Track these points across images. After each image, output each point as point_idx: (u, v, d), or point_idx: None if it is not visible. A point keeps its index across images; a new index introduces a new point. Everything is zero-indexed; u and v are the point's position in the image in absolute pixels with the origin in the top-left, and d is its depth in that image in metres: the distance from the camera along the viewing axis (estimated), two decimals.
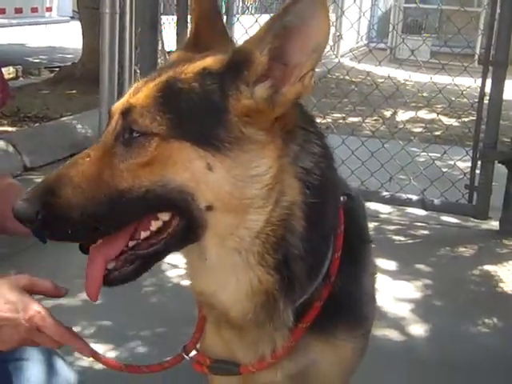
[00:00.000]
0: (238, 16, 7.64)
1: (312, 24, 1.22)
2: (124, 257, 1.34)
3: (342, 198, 1.50)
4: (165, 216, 1.31)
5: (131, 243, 1.34)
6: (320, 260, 1.42)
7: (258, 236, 1.32)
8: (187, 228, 1.31)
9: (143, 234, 1.33)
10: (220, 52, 1.38)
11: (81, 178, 1.28)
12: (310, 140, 1.38)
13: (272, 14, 1.34)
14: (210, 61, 1.34)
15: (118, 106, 1.34)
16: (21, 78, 8.80)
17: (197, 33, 1.52)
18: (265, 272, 1.35)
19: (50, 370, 1.79)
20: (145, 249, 1.34)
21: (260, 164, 1.29)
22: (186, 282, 3.75)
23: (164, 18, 8.62)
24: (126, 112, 1.29)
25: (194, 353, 1.64)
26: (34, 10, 11.77)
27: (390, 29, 12.23)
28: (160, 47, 6.82)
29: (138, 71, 5.53)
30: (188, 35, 1.55)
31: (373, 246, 1.71)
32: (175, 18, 5.44)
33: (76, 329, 3.06)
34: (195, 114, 1.28)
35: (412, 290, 3.71)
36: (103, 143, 1.32)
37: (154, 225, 1.32)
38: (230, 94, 1.29)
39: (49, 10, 12.43)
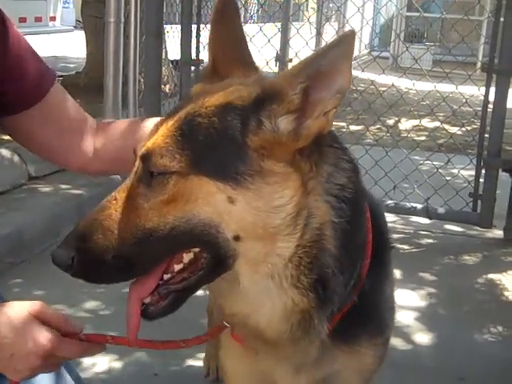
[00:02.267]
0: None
1: (340, 69, 1.27)
2: (158, 291, 1.37)
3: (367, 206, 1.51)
4: (195, 249, 1.34)
5: (166, 276, 1.37)
6: (353, 272, 1.43)
7: (291, 260, 1.34)
8: (216, 260, 1.33)
9: (176, 267, 1.36)
10: (241, 81, 1.41)
11: (109, 221, 1.33)
12: (339, 156, 1.41)
13: (276, 23, 1.39)
14: (234, 94, 1.34)
15: (140, 148, 1.37)
16: None
17: (215, 62, 1.52)
18: (299, 293, 1.36)
19: (58, 377, 1.78)
20: (178, 283, 1.37)
21: (283, 195, 1.31)
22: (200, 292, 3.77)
23: (168, 27, 8.65)
24: (146, 155, 1.31)
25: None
26: (38, 19, 11.83)
27: (393, 38, 12.23)
28: (164, 56, 6.85)
29: (142, 80, 5.55)
30: (207, 65, 1.55)
31: None
32: (179, 26, 5.45)
33: None
34: (213, 148, 1.30)
35: (417, 298, 3.71)
36: (127, 185, 1.35)
37: (186, 257, 1.35)
38: (251, 130, 1.31)
39: (52, 19, 12.49)
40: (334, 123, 1.37)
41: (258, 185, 1.29)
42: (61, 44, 14.06)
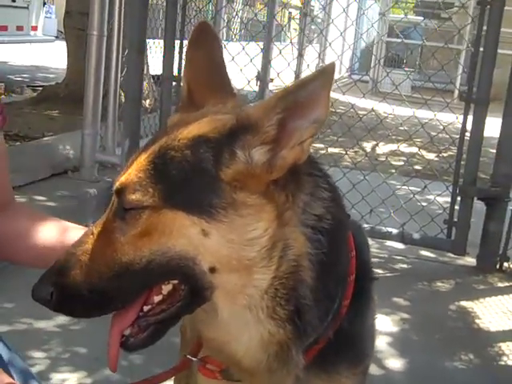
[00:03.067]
0: (224, 43, 7.70)
1: (318, 100, 1.25)
2: (138, 323, 1.37)
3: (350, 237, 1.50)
4: (174, 280, 1.33)
5: (146, 308, 1.36)
6: (331, 305, 1.42)
7: (267, 292, 1.33)
8: (194, 291, 1.32)
9: (156, 299, 1.36)
10: (217, 109, 1.41)
11: (86, 256, 1.34)
12: (317, 185, 1.38)
13: (258, 43, 1.40)
14: (206, 126, 1.33)
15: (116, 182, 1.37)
16: (3, 96, 8.75)
17: (190, 91, 1.50)
18: (275, 325, 1.35)
19: None
20: (157, 314, 1.36)
21: (256, 227, 1.30)
22: None
23: (151, 42, 8.66)
24: (120, 190, 1.32)
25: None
26: (20, 28, 11.73)
27: (373, 62, 12.39)
28: (145, 71, 6.85)
29: (123, 94, 5.53)
30: (182, 95, 1.54)
31: None
32: (162, 41, 5.46)
33: (50, 354, 3.07)
34: (186, 182, 1.29)
35: (390, 324, 3.71)
36: (104, 220, 1.36)
37: (165, 289, 1.35)
38: (224, 162, 1.29)
39: (34, 28, 12.41)
40: (312, 145, 1.36)
41: (232, 217, 1.28)
42: (42, 54, 14.00)
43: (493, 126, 4.71)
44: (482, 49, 4.65)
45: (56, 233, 1.80)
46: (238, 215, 1.29)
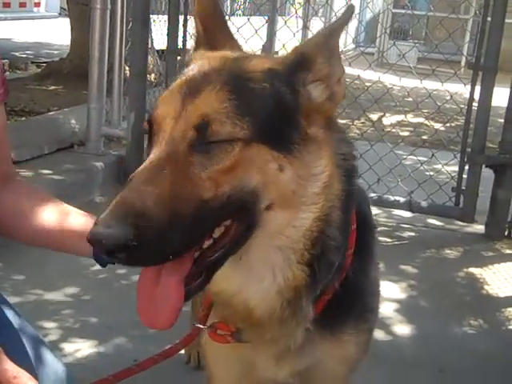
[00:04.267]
0: (228, 15, 7.64)
1: (338, 48, 1.37)
2: (192, 271, 1.28)
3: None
4: (226, 221, 1.28)
5: (196, 254, 1.29)
6: (338, 252, 1.42)
7: (305, 234, 1.34)
8: (247, 230, 1.30)
9: (207, 243, 1.29)
10: (234, 50, 1.44)
11: (166, 194, 1.18)
12: (339, 128, 1.46)
13: (264, 16, 1.43)
14: (270, 62, 1.36)
15: (169, 112, 1.26)
16: (7, 73, 8.72)
17: (206, 31, 1.49)
18: (300, 268, 1.36)
19: (39, 361, 1.76)
20: (208, 257, 1.30)
21: (319, 164, 1.33)
22: None
23: (155, 17, 8.58)
24: (203, 122, 1.23)
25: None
26: (23, 4, 11.68)
27: (379, 33, 12.27)
28: (150, 45, 6.80)
29: (128, 69, 5.50)
30: (196, 35, 1.52)
31: None
32: (166, 17, 5.41)
33: (62, 324, 3.10)
34: (270, 115, 1.29)
35: (397, 290, 3.72)
36: (171, 154, 1.22)
37: (217, 232, 1.29)
38: (300, 96, 1.33)
39: (37, 5, 12.35)
40: None
41: (303, 153, 1.31)
42: (45, 30, 13.93)
43: (500, 96, 4.67)
44: (489, 18, 4.59)
45: (56, 216, 1.79)
46: (308, 151, 1.32)
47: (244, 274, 1.38)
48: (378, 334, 3.23)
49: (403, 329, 3.32)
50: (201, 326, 1.58)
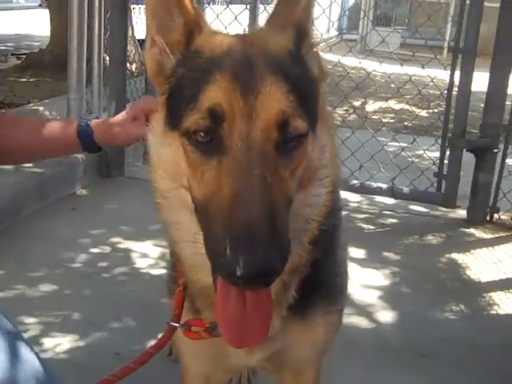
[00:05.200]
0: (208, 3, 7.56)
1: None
2: None
3: None
4: None
5: None
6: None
7: (318, 212, 1.35)
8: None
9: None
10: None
11: (283, 204, 1.18)
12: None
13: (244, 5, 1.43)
14: (285, 41, 1.32)
15: (236, 110, 1.19)
16: None
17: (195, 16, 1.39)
18: (307, 248, 1.37)
19: (15, 356, 1.74)
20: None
21: (324, 134, 1.34)
22: (156, 271, 3.72)
23: (135, 6, 8.51)
24: (284, 119, 1.19)
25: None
26: None
27: (361, 16, 12.25)
28: (130, 33, 6.74)
29: (108, 57, 5.44)
30: (184, 22, 1.37)
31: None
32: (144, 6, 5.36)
33: (42, 319, 3.08)
34: (312, 100, 1.30)
35: (380, 277, 3.73)
36: (260, 160, 1.17)
37: None
38: (313, 69, 1.35)
39: None
40: None
41: (318, 128, 1.31)
42: (25, 21, 13.78)
43: (481, 81, 4.67)
44: (468, 1, 4.58)
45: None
46: (319, 124, 1.32)
47: None
48: (361, 321, 3.24)
49: (385, 315, 3.32)
50: (175, 325, 1.57)
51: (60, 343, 2.91)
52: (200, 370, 1.69)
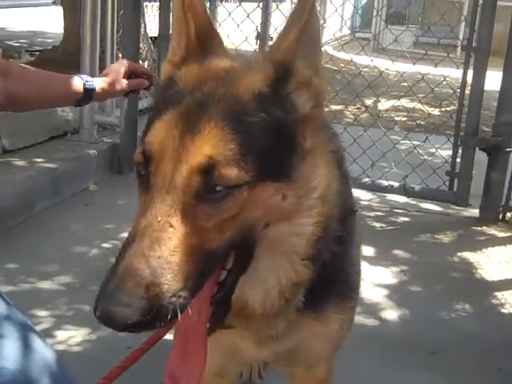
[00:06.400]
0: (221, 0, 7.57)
1: (316, 25, 1.27)
2: (213, 311, 1.30)
3: None
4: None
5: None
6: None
7: (308, 238, 1.32)
8: (249, 253, 1.29)
9: (224, 273, 1.29)
10: (224, 57, 1.35)
11: (176, 255, 1.12)
12: (327, 123, 1.43)
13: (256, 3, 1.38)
14: (256, 82, 1.24)
15: (167, 150, 1.16)
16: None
17: (198, 37, 1.37)
18: (303, 266, 1.36)
19: (27, 347, 1.76)
20: (220, 291, 1.29)
21: (316, 174, 1.28)
22: None
23: (149, 5, 8.54)
24: (208, 166, 1.13)
25: None
26: None
27: (374, 14, 12.20)
28: (143, 31, 6.76)
29: (120, 54, 5.47)
30: (187, 41, 1.37)
31: None
32: (157, 3, 5.38)
33: (54, 312, 3.10)
34: (272, 147, 1.20)
35: (391, 275, 3.72)
36: (175, 207, 1.13)
37: (229, 263, 1.27)
38: (291, 114, 1.25)
39: None
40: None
41: (302, 172, 1.25)
42: (38, 19, 13.83)
43: (496, 80, 4.64)
44: (481, 0, 4.57)
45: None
46: (305, 167, 1.25)
47: (247, 279, 1.35)
48: (372, 318, 3.24)
49: (396, 313, 3.32)
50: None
51: (72, 336, 2.94)
52: (214, 363, 1.70)
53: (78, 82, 2.23)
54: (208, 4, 6.80)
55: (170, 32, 4.62)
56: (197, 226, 1.14)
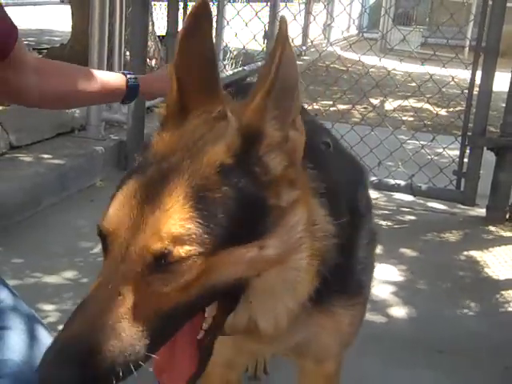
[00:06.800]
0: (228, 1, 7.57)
1: (291, 74, 1.21)
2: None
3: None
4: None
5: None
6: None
7: (305, 270, 1.33)
8: (233, 302, 1.30)
9: (205, 326, 1.28)
10: (209, 111, 1.30)
11: (123, 321, 1.12)
12: (314, 151, 1.39)
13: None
14: (218, 152, 1.21)
15: (123, 222, 1.17)
16: None
17: (181, 93, 1.32)
18: (308, 287, 1.37)
19: (33, 338, 1.76)
20: (207, 337, 1.29)
21: (298, 220, 1.28)
22: None
23: (157, 4, 8.55)
24: (162, 246, 1.13)
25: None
26: None
27: (382, 13, 12.19)
28: (150, 29, 6.77)
29: (128, 53, 5.48)
30: (170, 96, 1.34)
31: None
32: (165, 2, 5.39)
33: (60, 307, 3.11)
34: (237, 218, 1.18)
35: (397, 273, 3.71)
36: (127, 276, 1.14)
37: (209, 312, 1.27)
38: (259, 180, 1.22)
39: None
40: (322, 102, 1.36)
41: (281, 223, 1.24)
42: (46, 17, 13.88)
43: (504, 81, 4.63)
44: (491, 1, 4.55)
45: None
46: (285, 219, 1.25)
47: (255, 312, 1.38)
48: (378, 316, 3.23)
49: (402, 311, 3.32)
50: None
51: None
52: (223, 354, 1.70)
53: (120, 79, 2.16)
54: (216, 2, 6.80)
55: (179, 29, 4.62)
56: (150, 292, 1.14)
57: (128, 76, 2.20)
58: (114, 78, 2.19)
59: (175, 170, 1.19)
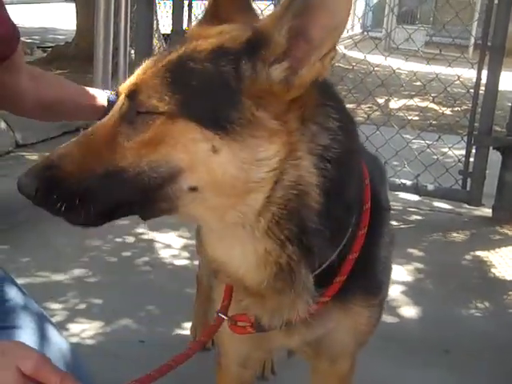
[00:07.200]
0: None
1: (335, 2, 1.17)
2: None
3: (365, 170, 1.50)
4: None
5: None
6: (342, 231, 1.41)
7: (261, 212, 1.30)
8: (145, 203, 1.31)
9: None
10: (238, 26, 1.35)
11: (83, 152, 1.28)
12: (329, 115, 1.33)
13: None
14: (226, 38, 1.29)
15: (125, 86, 1.33)
16: None
17: (215, 5, 1.46)
18: (273, 243, 1.33)
19: (43, 337, 1.76)
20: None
21: (268, 149, 1.25)
22: (179, 262, 3.76)
23: (161, 2, 8.55)
24: (133, 92, 1.28)
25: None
26: None
27: (386, 12, 12.18)
28: (155, 28, 6.77)
29: (133, 51, 5.48)
30: (207, 6, 1.48)
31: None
32: (170, 1, 5.39)
33: (67, 305, 3.11)
34: (206, 94, 1.24)
35: (404, 273, 3.71)
36: (108, 122, 1.31)
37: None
38: (246, 76, 1.25)
39: None
40: None
41: (245, 136, 1.23)
42: (50, 15, 13.91)
43: (509, 80, 4.62)
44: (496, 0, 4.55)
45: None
46: (252, 135, 1.24)
47: (222, 246, 1.41)
48: (385, 316, 3.19)
49: (410, 311, 3.31)
50: (223, 317, 1.56)
51: (85, 329, 2.95)
52: (240, 351, 1.70)
53: (103, 95, 2.15)
54: None
55: (183, 28, 4.62)
56: (115, 141, 1.28)
57: (107, 93, 2.18)
58: (98, 94, 2.17)
59: (182, 45, 1.32)
